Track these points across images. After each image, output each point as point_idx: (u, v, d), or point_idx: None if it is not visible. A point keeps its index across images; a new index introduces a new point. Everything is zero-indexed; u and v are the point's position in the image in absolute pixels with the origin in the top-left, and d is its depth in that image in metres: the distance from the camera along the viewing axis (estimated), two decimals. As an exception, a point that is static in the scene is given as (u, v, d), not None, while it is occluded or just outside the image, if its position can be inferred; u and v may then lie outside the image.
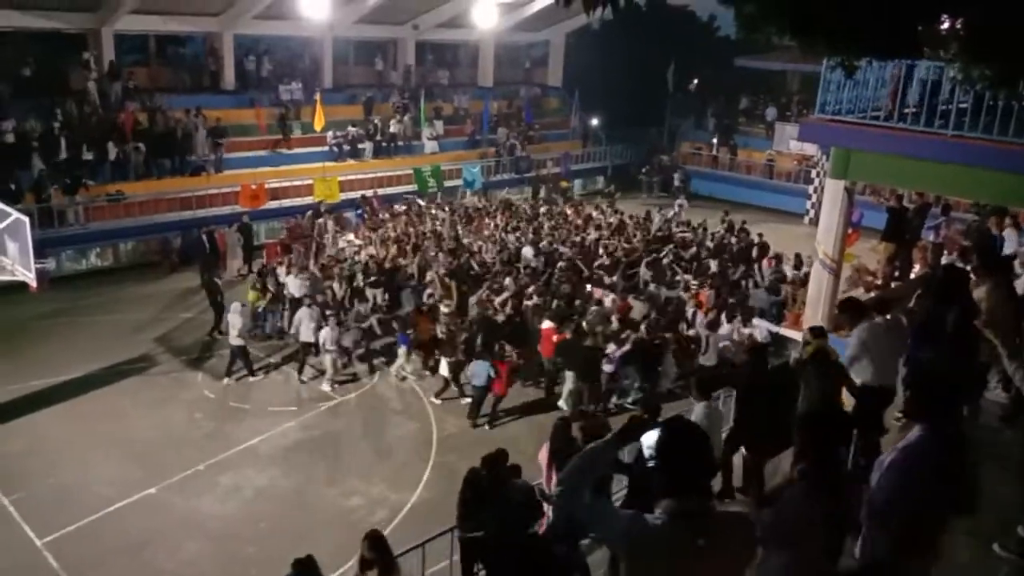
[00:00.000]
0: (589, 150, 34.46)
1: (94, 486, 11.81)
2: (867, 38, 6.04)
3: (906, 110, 10.16)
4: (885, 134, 10.14)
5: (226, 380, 15.20)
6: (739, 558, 3.16)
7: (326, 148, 27.13)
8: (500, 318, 15.38)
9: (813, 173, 28.97)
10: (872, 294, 12.45)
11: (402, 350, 15.47)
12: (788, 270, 18.39)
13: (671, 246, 20.58)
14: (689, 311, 16.31)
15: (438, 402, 14.64)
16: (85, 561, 10.29)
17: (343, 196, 24.52)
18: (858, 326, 7.15)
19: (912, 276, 12.99)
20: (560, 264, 18.36)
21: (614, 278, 17.91)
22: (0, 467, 12.23)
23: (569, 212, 24.99)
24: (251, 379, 15.33)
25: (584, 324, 14.31)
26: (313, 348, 15.30)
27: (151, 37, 27.71)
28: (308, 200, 24.09)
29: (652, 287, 17.66)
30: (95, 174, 22.26)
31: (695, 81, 39.25)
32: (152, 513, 11.35)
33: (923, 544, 3.56)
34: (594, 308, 15.57)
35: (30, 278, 13.10)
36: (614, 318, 15.11)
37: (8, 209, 13.37)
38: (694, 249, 20.83)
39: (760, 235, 21.60)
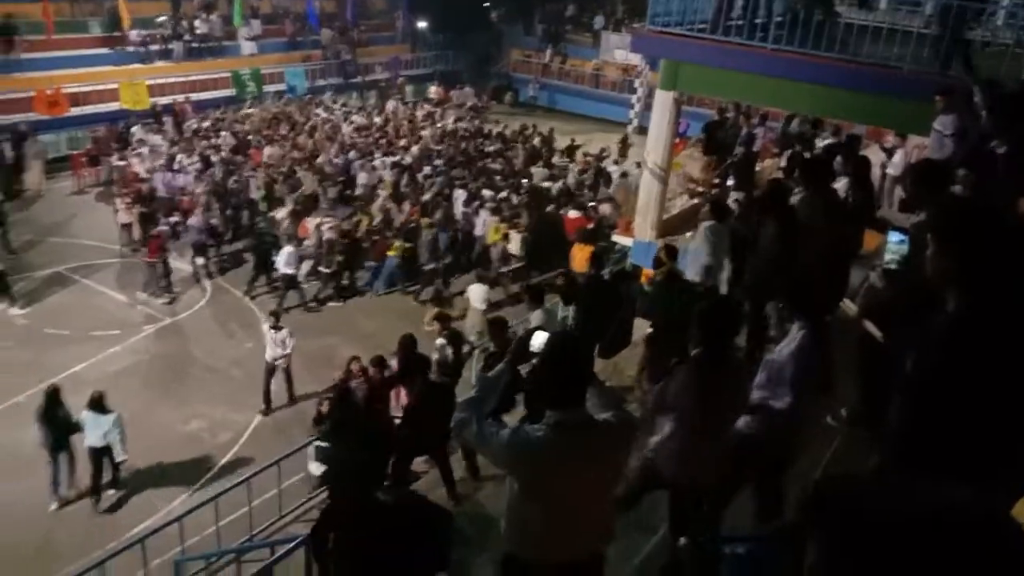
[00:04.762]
0: (419, 55, 33.57)
1: None
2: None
3: (730, 22, 10.62)
4: (711, 47, 10.56)
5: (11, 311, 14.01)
6: (616, 460, 3.36)
7: (133, 49, 24.86)
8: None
9: (636, 83, 29.83)
10: (696, 200, 13.22)
11: None
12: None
13: None
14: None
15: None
16: None
17: (153, 102, 22.77)
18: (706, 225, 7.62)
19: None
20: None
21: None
22: None
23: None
24: (14, 311, 14.02)
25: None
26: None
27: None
28: (115, 107, 22.14)
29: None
30: None
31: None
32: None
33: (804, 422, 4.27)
34: None
35: None
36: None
37: None
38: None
39: None
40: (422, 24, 33.94)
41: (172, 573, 7.85)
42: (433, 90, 30.00)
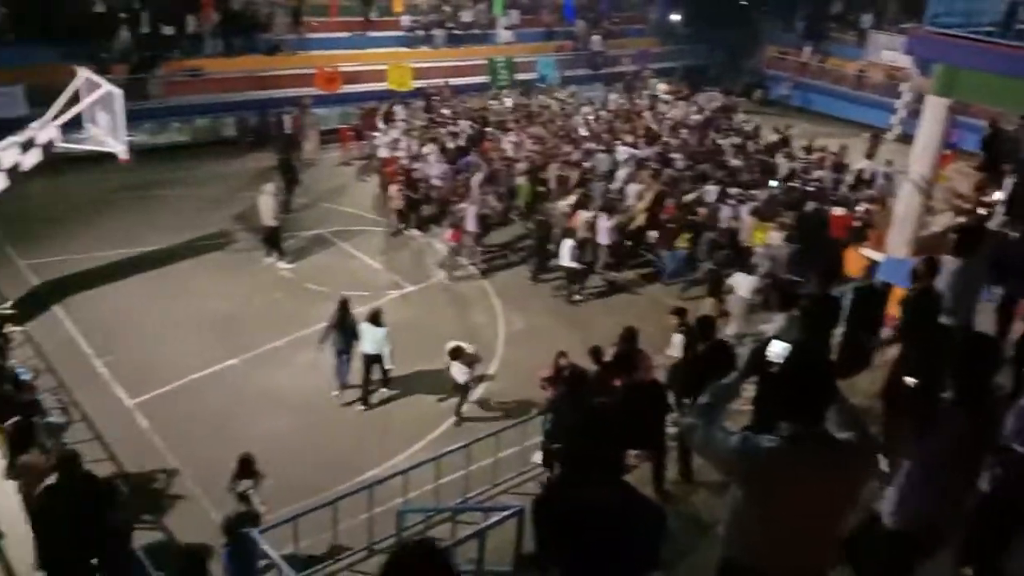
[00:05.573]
0: (667, 49, 33.04)
1: (179, 354, 12.44)
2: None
3: (1019, 26, 9.57)
4: (998, 52, 9.57)
5: (266, 261, 15.76)
6: (852, 482, 3.22)
7: (402, 33, 26.77)
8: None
9: (902, 87, 27.55)
10: (961, 219, 12.09)
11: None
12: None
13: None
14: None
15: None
16: (172, 423, 10.96)
17: (422, 84, 24.42)
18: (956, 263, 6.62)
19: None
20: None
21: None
22: (89, 331, 12.98)
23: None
24: (282, 265, 15.73)
25: None
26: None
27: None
28: (381, 87, 23.95)
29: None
30: (174, 48, 22.42)
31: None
32: (234, 382, 12.01)
33: None
34: None
35: (121, 150, 13.50)
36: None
37: (101, 81, 13.62)
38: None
39: None
40: (675, 17, 33.41)
41: (395, 520, 8.45)
42: (661, 87, 29.11)
